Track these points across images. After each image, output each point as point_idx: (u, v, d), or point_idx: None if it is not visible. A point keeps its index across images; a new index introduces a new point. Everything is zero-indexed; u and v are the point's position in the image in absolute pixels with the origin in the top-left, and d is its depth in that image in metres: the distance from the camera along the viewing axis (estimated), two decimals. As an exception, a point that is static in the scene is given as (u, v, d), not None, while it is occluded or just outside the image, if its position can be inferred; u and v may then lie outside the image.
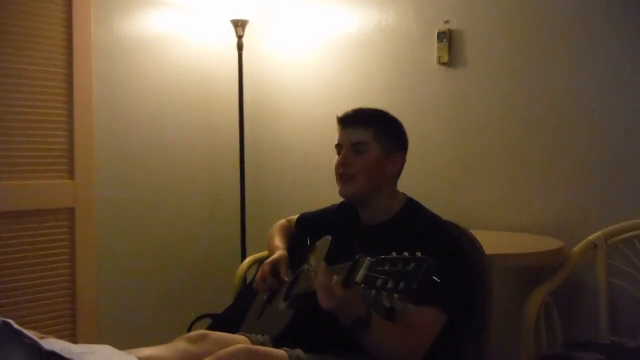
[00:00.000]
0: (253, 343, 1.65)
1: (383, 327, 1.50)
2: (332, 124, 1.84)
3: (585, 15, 2.46)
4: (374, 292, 1.29)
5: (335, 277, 1.41)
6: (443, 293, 1.27)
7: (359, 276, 1.34)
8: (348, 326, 1.46)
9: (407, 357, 1.55)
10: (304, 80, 3.39)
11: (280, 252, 1.97)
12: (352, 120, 1.78)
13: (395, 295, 1.25)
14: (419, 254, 1.27)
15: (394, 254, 1.31)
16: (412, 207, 1.79)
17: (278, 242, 2.05)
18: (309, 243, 1.94)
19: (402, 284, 1.25)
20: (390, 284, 1.26)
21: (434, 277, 1.24)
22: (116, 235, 3.10)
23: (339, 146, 1.80)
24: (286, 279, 1.87)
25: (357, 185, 1.75)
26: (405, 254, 1.29)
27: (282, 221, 2.19)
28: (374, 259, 1.34)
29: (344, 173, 1.76)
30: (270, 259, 1.94)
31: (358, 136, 1.75)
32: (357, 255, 1.38)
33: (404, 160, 1.80)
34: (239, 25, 3.24)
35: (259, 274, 1.94)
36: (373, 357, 1.52)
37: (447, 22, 2.81)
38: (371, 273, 1.32)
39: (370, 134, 1.74)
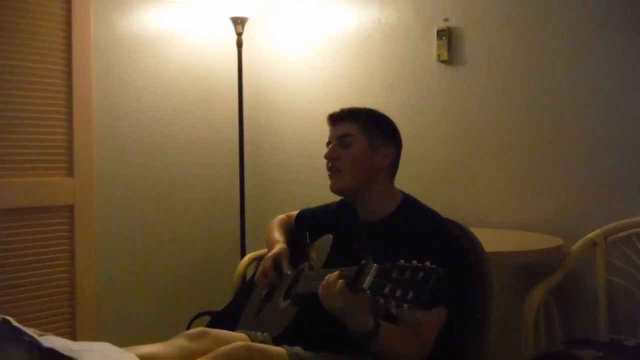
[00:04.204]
0: (253, 341, 1.65)
1: (391, 334, 1.49)
2: (331, 121, 1.84)
3: (586, 13, 2.46)
4: (382, 299, 1.27)
5: (340, 282, 1.40)
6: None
7: (366, 283, 1.32)
8: (356, 337, 1.44)
9: (414, 357, 1.55)
10: (304, 78, 3.38)
11: (280, 246, 1.96)
12: (339, 116, 1.81)
13: (405, 305, 1.23)
14: (428, 263, 1.25)
15: (402, 261, 1.29)
16: (409, 203, 1.79)
17: (278, 236, 2.04)
18: (308, 240, 1.94)
19: (411, 294, 1.22)
20: (398, 293, 1.24)
21: (443, 288, 1.22)
22: (115, 233, 3.10)
23: (329, 143, 1.82)
24: (289, 272, 1.86)
25: (344, 178, 1.75)
26: (414, 262, 1.28)
27: (282, 216, 2.18)
28: (381, 266, 1.32)
29: (332, 167, 1.78)
30: (271, 253, 1.93)
31: (345, 129, 1.78)
32: (363, 261, 1.37)
33: (395, 155, 1.80)
34: (239, 23, 3.23)
35: (260, 268, 1.94)
36: (374, 356, 1.52)
37: (446, 19, 2.80)
38: (378, 280, 1.30)
39: (357, 126, 1.76)
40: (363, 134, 1.76)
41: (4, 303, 2.67)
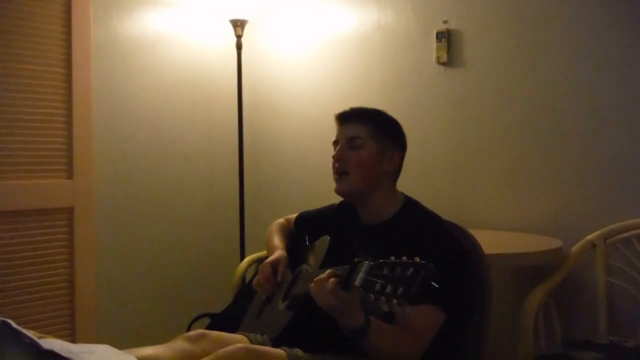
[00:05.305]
0: (252, 343, 1.65)
1: (381, 332, 1.49)
2: (331, 123, 1.84)
3: (585, 13, 2.46)
4: (372, 296, 1.28)
5: (332, 280, 1.41)
6: (441, 292, 1.27)
7: (358, 280, 1.33)
8: (346, 333, 1.46)
9: (407, 357, 1.55)
10: (303, 80, 3.39)
11: (279, 252, 1.96)
12: (349, 117, 1.80)
13: (394, 300, 1.24)
14: (417, 259, 1.26)
15: (393, 258, 1.30)
16: (411, 206, 1.79)
17: (277, 242, 2.04)
18: (307, 242, 1.94)
19: (400, 290, 1.24)
20: (389, 289, 1.25)
21: (432, 283, 1.23)
22: (115, 235, 3.10)
23: (336, 143, 1.80)
24: (280, 279, 1.87)
25: (351, 181, 1.74)
26: (404, 258, 1.28)
27: (281, 220, 2.18)
28: (372, 263, 1.33)
29: (338, 168, 1.76)
30: (270, 259, 1.93)
31: (354, 131, 1.76)
32: (356, 259, 1.37)
33: (401, 159, 1.80)
34: (238, 25, 3.24)
35: (259, 275, 1.94)
36: (369, 356, 1.52)
37: (445, 22, 2.81)
38: (370, 277, 1.31)
39: (367, 129, 1.75)
40: (372, 137, 1.75)
41: (3, 305, 2.67)
